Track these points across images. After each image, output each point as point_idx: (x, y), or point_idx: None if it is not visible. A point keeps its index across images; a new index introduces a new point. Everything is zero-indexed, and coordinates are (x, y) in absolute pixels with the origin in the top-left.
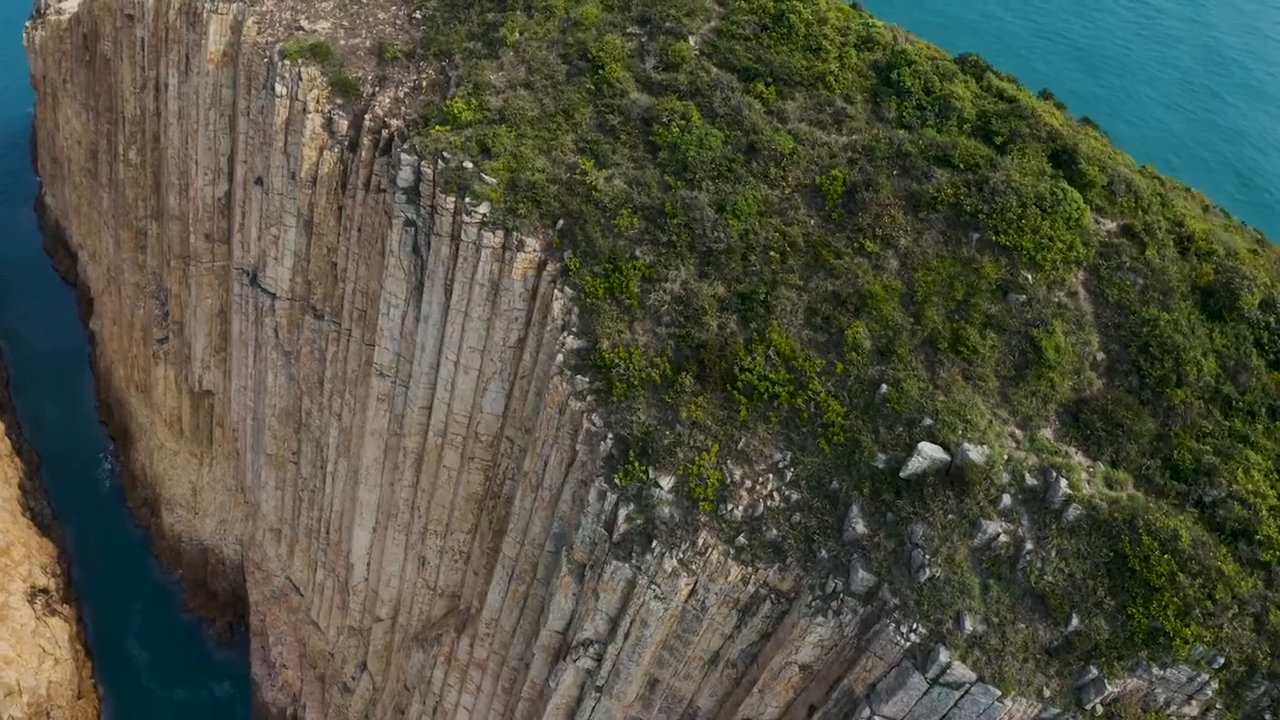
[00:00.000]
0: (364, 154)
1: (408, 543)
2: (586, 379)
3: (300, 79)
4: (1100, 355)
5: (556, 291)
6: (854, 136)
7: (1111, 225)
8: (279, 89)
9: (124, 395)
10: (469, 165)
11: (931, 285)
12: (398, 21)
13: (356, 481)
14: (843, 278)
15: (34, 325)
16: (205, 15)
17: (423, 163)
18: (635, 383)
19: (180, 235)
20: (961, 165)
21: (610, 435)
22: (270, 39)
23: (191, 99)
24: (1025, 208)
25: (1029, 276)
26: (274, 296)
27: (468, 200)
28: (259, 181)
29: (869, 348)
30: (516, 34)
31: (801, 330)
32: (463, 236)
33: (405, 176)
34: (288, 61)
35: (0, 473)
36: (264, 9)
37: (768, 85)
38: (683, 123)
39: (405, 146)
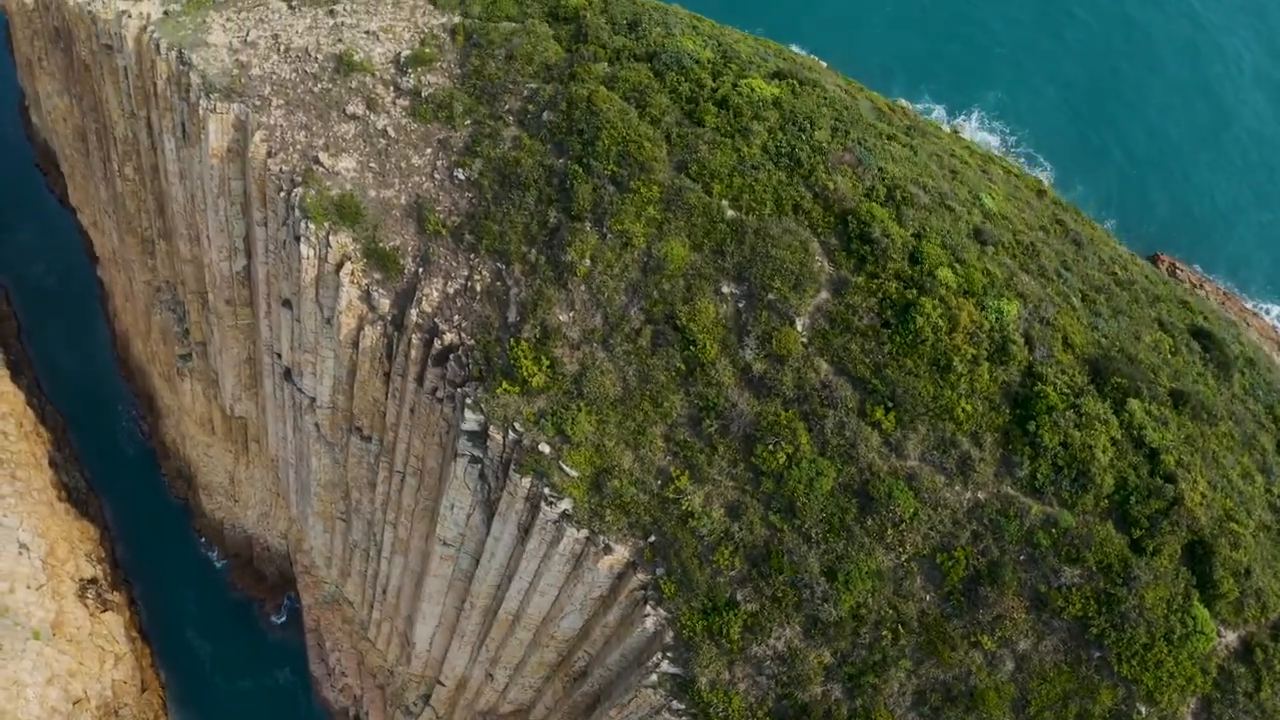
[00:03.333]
0: (413, 352)
1: (474, 657)
2: (682, 705)
3: (329, 244)
4: None
5: (649, 609)
6: (980, 494)
7: (1232, 638)
8: (304, 250)
9: (145, 368)
10: (545, 449)
11: (1045, 698)
12: (436, 175)
13: (417, 591)
14: (955, 670)
15: (36, 259)
16: (203, 113)
17: (490, 426)
18: None
19: (195, 275)
20: (1094, 566)
21: None
22: (284, 168)
23: (196, 180)
24: (1153, 641)
25: (1143, 710)
26: (313, 400)
27: (547, 491)
28: (287, 304)
29: None
30: (587, 260)
31: (908, 714)
32: (541, 516)
33: (470, 425)
34: (312, 225)
35: (30, 453)
36: (271, 121)
37: (887, 411)
38: (790, 449)
39: (470, 401)
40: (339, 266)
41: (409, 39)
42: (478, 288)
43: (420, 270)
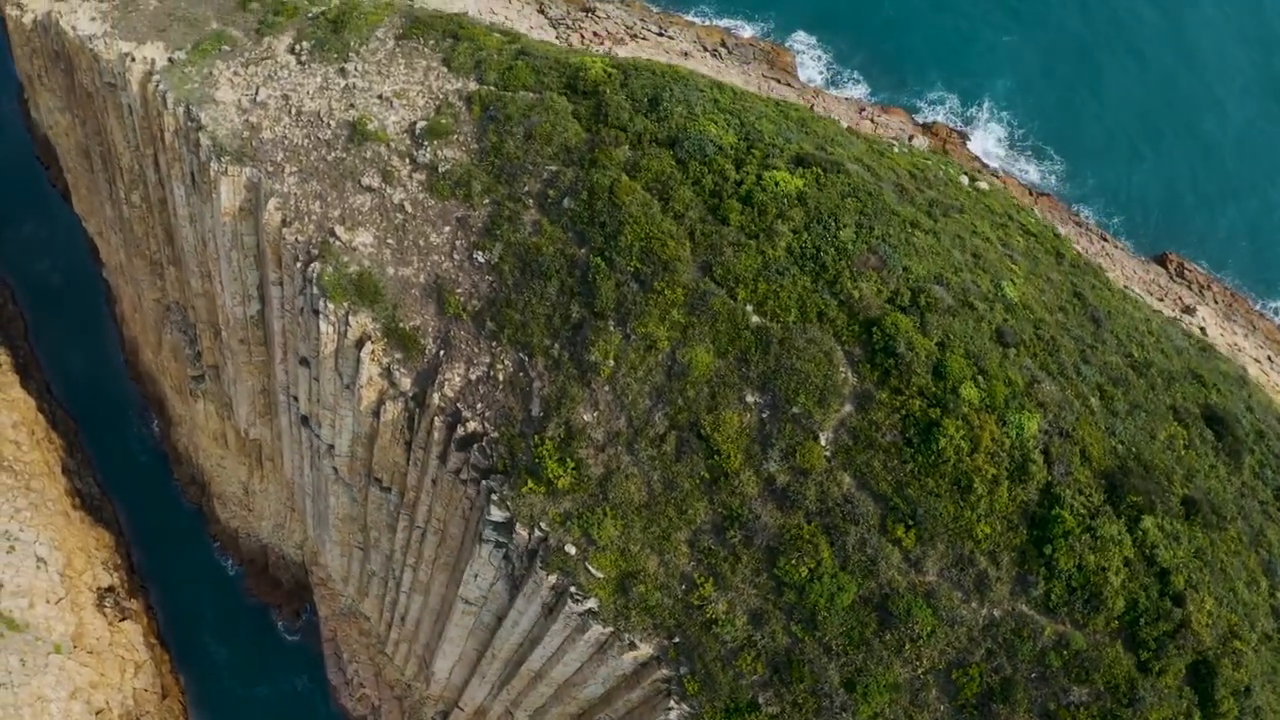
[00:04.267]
0: (436, 434)
1: (494, 695)
2: None
3: (349, 323)
4: None
5: (672, 702)
6: (996, 611)
7: None
8: (324, 326)
9: (155, 376)
10: (571, 550)
11: None
12: (455, 255)
13: (437, 628)
14: None
15: (40, 254)
16: (214, 175)
17: (517, 523)
18: None
19: (207, 308)
20: (1102, 686)
21: None
22: (300, 238)
23: (207, 228)
24: None
25: None
26: (331, 447)
27: (573, 590)
28: (304, 363)
29: None
30: (610, 361)
31: None
32: (566, 609)
33: (495, 517)
34: (332, 305)
35: (43, 462)
36: (285, 188)
37: (908, 529)
38: (812, 563)
39: (495, 499)
40: (359, 344)
41: (423, 105)
42: (500, 377)
43: (441, 352)
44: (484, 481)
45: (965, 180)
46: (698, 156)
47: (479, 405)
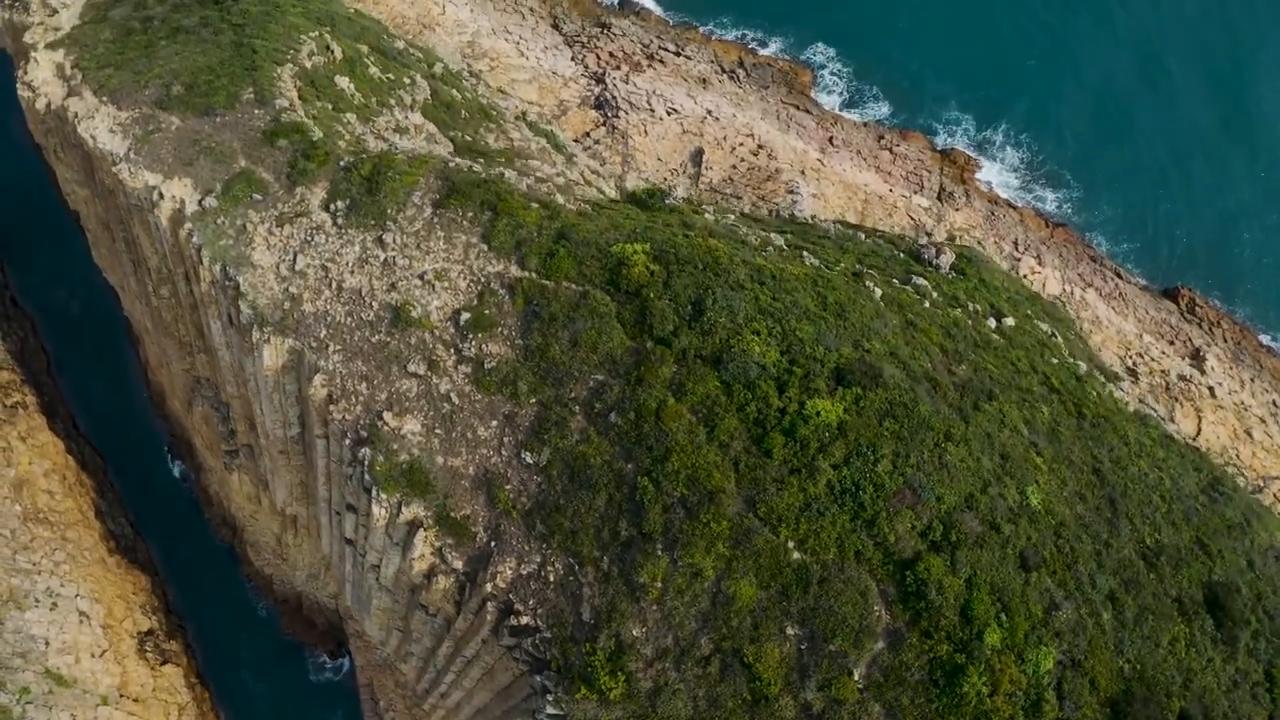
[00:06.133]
0: (489, 616)
1: None
2: None
3: (401, 511)
4: None
5: None
6: None
7: None
8: (376, 509)
9: (184, 422)
10: None
11: None
12: (504, 451)
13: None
14: None
15: (58, 284)
16: (256, 341)
17: None
18: None
19: (243, 409)
20: None
21: None
22: (347, 416)
23: (248, 365)
24: None
25: None
26: (376, 568)
27: None
28: (351, 509)
29: None
30: (659, 583)
31: None
32: None
33: (551, 712)
34: (384, 495)
35: (76, 509)
36: (330, 366)
37: None
38: None
39: (551, 698)
40: (410, 527)
41: (465, 289)
42: (551, 578)
43: (493, 543)
44: (537, 677)
45: (993, 323)
46: (742, 380)
47: (531, 601)
